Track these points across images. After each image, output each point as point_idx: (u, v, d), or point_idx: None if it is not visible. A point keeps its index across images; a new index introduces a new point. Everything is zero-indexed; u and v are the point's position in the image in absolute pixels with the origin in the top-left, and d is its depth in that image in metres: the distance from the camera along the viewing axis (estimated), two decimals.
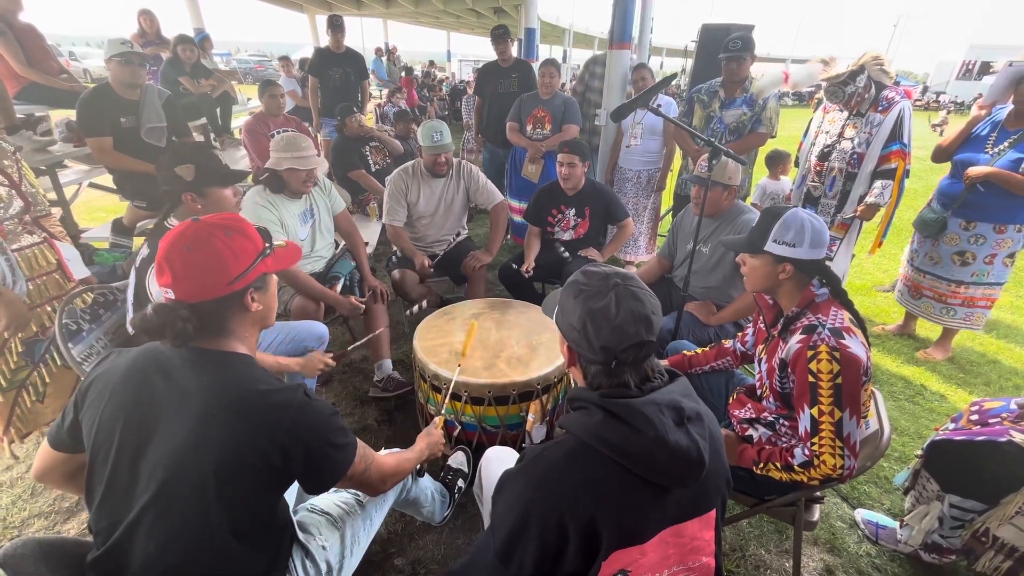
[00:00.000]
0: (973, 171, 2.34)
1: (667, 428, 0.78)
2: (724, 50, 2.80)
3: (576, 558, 0.78)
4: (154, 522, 0.82)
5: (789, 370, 1.23)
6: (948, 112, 15.22)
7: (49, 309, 1.75)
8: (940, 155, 2.58)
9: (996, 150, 2.32)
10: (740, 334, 1.64)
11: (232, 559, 0.87)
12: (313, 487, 0.95)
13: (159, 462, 0.83)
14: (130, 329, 1.54)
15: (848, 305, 1.26)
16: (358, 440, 1.01)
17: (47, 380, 1.76)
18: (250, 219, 1.10)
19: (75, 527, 1.65)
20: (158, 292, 0.88)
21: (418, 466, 1.38)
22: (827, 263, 2.74)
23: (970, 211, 2.44)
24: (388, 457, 1.13)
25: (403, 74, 11.22)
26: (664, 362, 1.67)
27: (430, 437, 1.39)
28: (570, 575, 0.80)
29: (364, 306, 2.23)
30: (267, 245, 0.98)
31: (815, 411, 1.16)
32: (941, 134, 13.14)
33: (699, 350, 1.71)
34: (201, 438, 0.83)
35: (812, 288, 1.27)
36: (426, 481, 1.51)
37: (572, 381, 1.00)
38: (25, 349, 1.71)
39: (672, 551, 0.83)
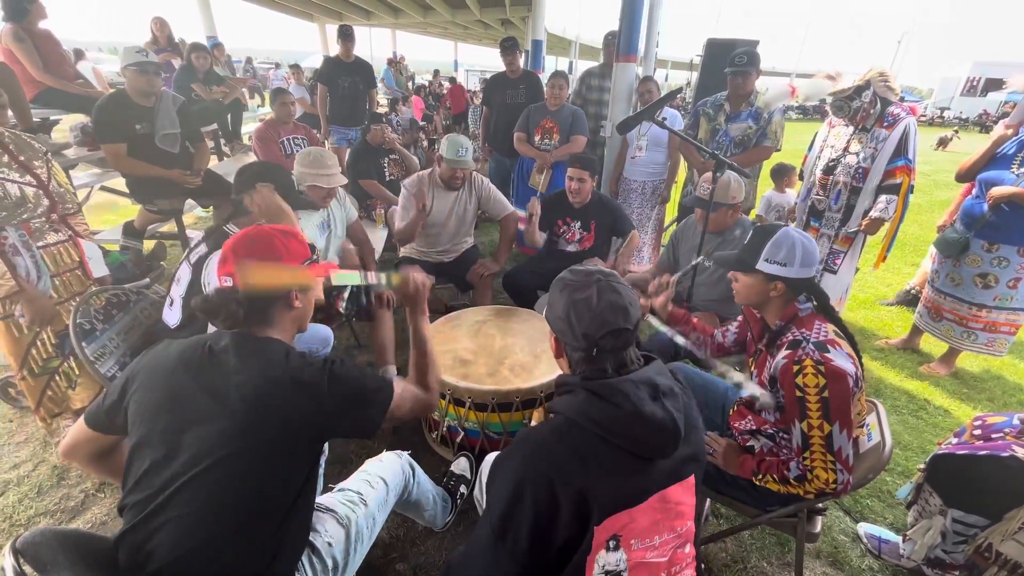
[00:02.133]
0: (997, 191, 2.28)
1: (643, 401, 0.85)
2: (730, 65, 2.83)
3: (570, 525, 0.83)
4: (192, 497, 0.87)
5: (778, 385, 1.24)
6: (956, 131, 15.23)
7: (74, 304, 1.80)
8: (964, 175, 2.54)
9: (1022, 170, 2.27)
10: (722, 329, 1.66)
11: (262, 540, 0.92)
12: (366, 433, 1.05)
13: (208, 442, 0.89)
14: (168, 319, 1.60)
15: (833, 318, 1.28)
16: (396, 380, 1.13)
17: (77, 371, 1.83)
18: None
19: (80, 525, 1.66)
20: (214, 280, 1.01)
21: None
22: (832, 276, 2.76)
23: (993, 232, 2.37)
24: (422, 380, 1.22)
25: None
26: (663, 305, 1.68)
27: (413, 296, 1.30)
28: (566, 545, 0.85)
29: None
30: (314, 255, 1.14)
31: (804, 425, 1.17)
32: (945, 149, 13.13)
33: (695, 320, 1.73)
34: (249, 418, 0.91)
35: (796, 304, 1.29)
36: (428, 484, 1.52)
37: None
38: (58, 342, 1.77)
39: (660, 516, 0.88)
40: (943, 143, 13.32)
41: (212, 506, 0.88)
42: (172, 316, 1.58)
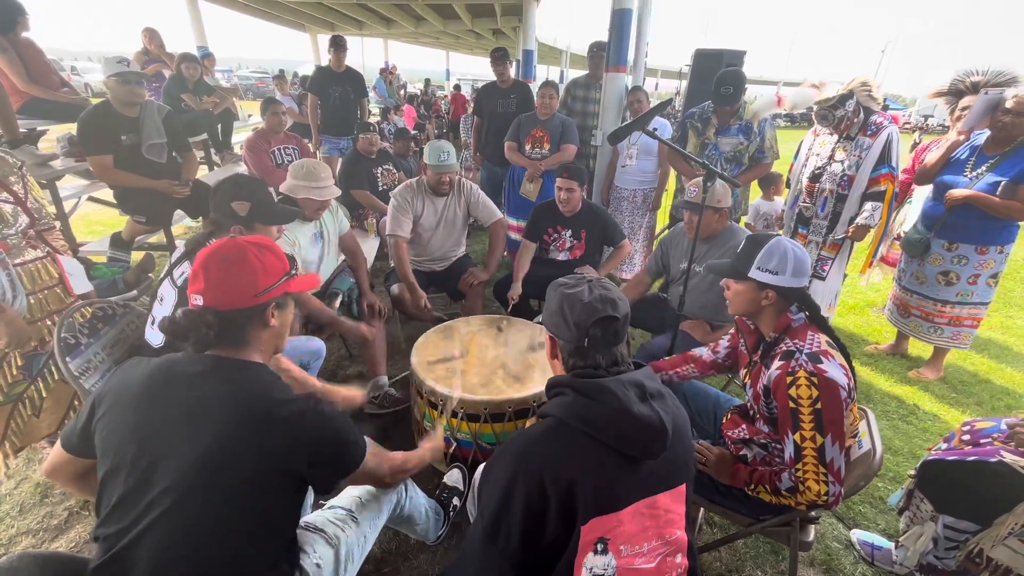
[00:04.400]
0: (953, 193, 2.39)
1: (631, 401, 0.88)
2: (715, 96, 2.85)
3: (556, 523, 0.85)
4: (168, 531, 0.83)
5: (772, 396, 1.25)
6: (919, 129, 16.34)
7: (49, 323, 1.74)
8: (922, 177, 2.64)
9: (975, 174, 2.38)
10: (713, 344, 1.67)
11: (242, 571, 0.89)
12: (326, 488, 1.00)
13: (179, 472, 0.85)
14: (151, 339, 1.56)
15: (826, 329, 1.29)
16: (367, 439, 1.08)
17: (43, 395, 1.75)
18: None
19: (63, 545, 1.62)
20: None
21: None
22: (820, 282, 2.79)
23: (952, 232, 2.48)
24: (396, 453, 1.18)
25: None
26: None
27: (433, 442, 1.48)
28: (553, 544, 0.86)
29: (372, 334, 2.23)
30: (293, 268, 1.08)
31: (797, 437, 1.17)
32: (917, 143, 13.75)
33: (664, 361, 1.73)
34: (224, 449, 0.86)
35: (789, 314, 1.30)
36: (420, 498, 1.50)
37: None
38: (24, 363, 1.69)
39: (649, 523, 0.90)
40: (920, 142, 14.00)
41: (188, 540, 0.84)
42: (155, 336, 1.54)
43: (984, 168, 2.36)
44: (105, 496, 0.88)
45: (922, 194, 2.85)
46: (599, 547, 0.86)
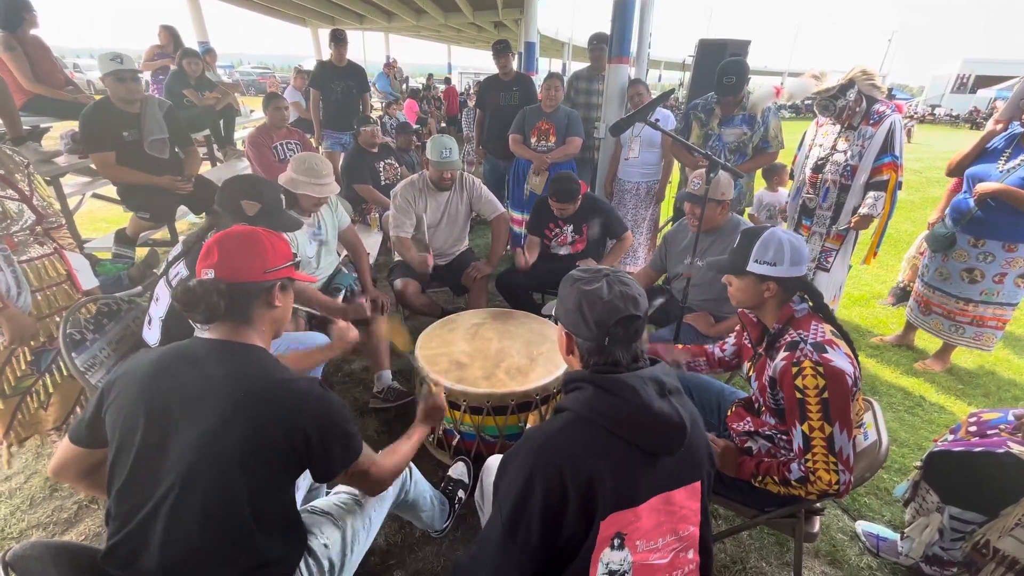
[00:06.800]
0: (981, 187, 2.30)
1: (651, 397, 0.87)
2: (718, 86, 2.81)
3: (576, 519, 0.84)
4: (177, 506, 0.86)
5: (778, 388, 1.24)
6: (912, 120, 16.51)
7: (58, 319, 1.75)
8: (954, 169, 2.56)
9: (1008, 166, 2.27)
10: (720, 342, 1.68)
11: (252, 547, 0.91)
12: (324, 473, 1.02)
13: (186, 448, 0.87)
14: (148, 338, 1.56)
15: (829, 318, 1.28)
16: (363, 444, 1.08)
17: (51, 390, 1.76)
18: None
19: (74, 537, 1.64)
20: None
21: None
22: (825, 274, 2.77)
23: (979, 228, 2.38)
24: (385, 459, 1.16)
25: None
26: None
27: (431, 411, 1.45)
28: (571, 540, 0.86)
29: (370, 308, 2.22)
30: (296, 258, 1.15)
31: (805, 427, 1.17)
32: (908, 140, 13.89)
33: (679, 346, 1.75)
34: (229, 424, 0.88)
35: (792, 304, 1.30)
36: (424, 485, 1.51)
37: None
38: (33, 359, 1.71)
39: (664, 519, 0.89)
40: (907, 133, 14.31)
41: (197, 518, 0.86)
42: (151, 335, 1.54)
43: (1019, 160, 2.24)
44: (116, 475, 0.91)
45: None
46: (616, 542, 0.86)
